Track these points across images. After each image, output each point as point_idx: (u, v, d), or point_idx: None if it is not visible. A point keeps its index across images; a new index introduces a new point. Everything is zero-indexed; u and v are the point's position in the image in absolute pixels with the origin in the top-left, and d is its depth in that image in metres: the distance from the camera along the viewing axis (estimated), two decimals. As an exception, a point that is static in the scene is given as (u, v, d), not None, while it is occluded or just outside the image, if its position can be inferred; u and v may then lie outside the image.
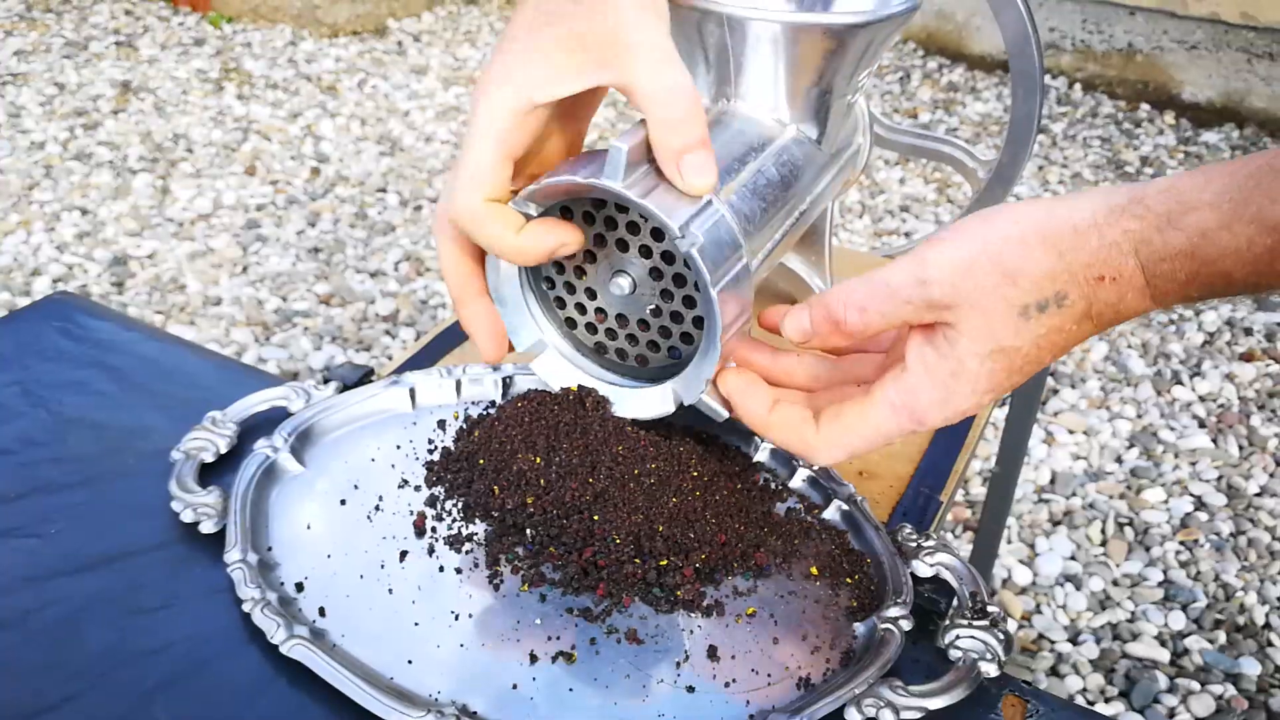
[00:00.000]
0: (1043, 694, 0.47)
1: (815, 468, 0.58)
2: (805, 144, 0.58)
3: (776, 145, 0.56)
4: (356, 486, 0.57)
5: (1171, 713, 1.22)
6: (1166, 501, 1.52)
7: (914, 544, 0.54)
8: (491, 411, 0.61)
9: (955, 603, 0.51)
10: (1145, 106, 2.64)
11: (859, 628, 0.50)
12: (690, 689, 0.46)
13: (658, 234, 0.49)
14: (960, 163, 0.68)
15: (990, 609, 0.49)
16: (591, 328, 0.54)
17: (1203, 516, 1.49)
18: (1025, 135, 0.64)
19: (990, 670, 0.47)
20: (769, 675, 0.47)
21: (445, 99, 2.57)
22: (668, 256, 0.49)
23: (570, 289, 0.53)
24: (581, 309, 0.54)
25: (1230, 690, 1.24)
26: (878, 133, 0.67)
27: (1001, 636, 0.48)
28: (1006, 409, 0.90)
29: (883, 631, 0.49)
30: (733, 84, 0.56)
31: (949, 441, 0.62)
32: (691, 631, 0.49)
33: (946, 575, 0.52)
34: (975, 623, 0.49)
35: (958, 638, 0.48)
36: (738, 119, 0.56)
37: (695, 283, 0.49)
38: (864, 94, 0.62)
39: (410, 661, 0.47)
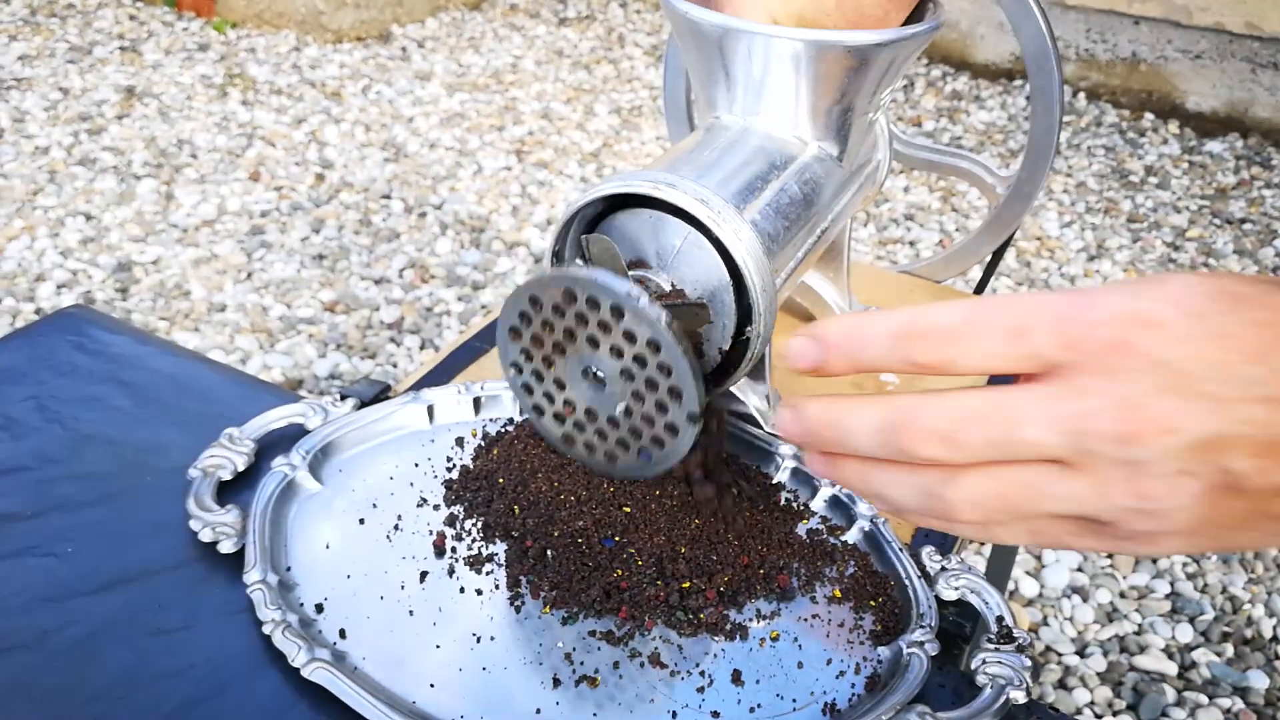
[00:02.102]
0: (1068, 717, 0.46)
1: (837, 488, 0.58)
2: (826, 161, 0.57)
3: (798, 163, 0.55)
4: (375, 505, 0.56)
5: (1179, 726, 1.22)
6: (1173, 513, 1.51)
7: (938, 566, 0.53)
8: (510, 429, 0.61)
9: (980, 626, 0.51)
10: (1149, 116, 2.64)
11: (883, 651, 0.49)
12: (715, 714, 0.46)
13: (630, 336, 0.45)
14: (979, 178, 0.68)
15: (1017, 633, 0.49)
16: (559, 418, 0.49)
17: (1210, 528, 1.49)
18: (1045, 150, 0.64)
19: (1019, 697, 0.46)
20: (794, 700, 0.47)
21: (449, 105, 2.56)
22: (640, 360, 0.47)
23: (538, 377, 0.49)
24: (550, 398, 0.49)
25: (1238, 704, 1.24)
26: (896, 149, 0.67)
27: (1029, 662, 0.48)
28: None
29: (908, 656, 0.48)
30: (754, 101, 0.56)
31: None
32: (715, 655, 0.49)
33: (972, 599, 0.52)
34: (1002, 648, 0.49)
35: (985, 662, 0.48)
36: (759, 136, 0.56)
37: (669, 388, 0.46)
38: (884, 111, 0.62)
39: (432, 685, 0.46)
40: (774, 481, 0.59)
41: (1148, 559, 1.44)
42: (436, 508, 0.56)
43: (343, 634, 0.48)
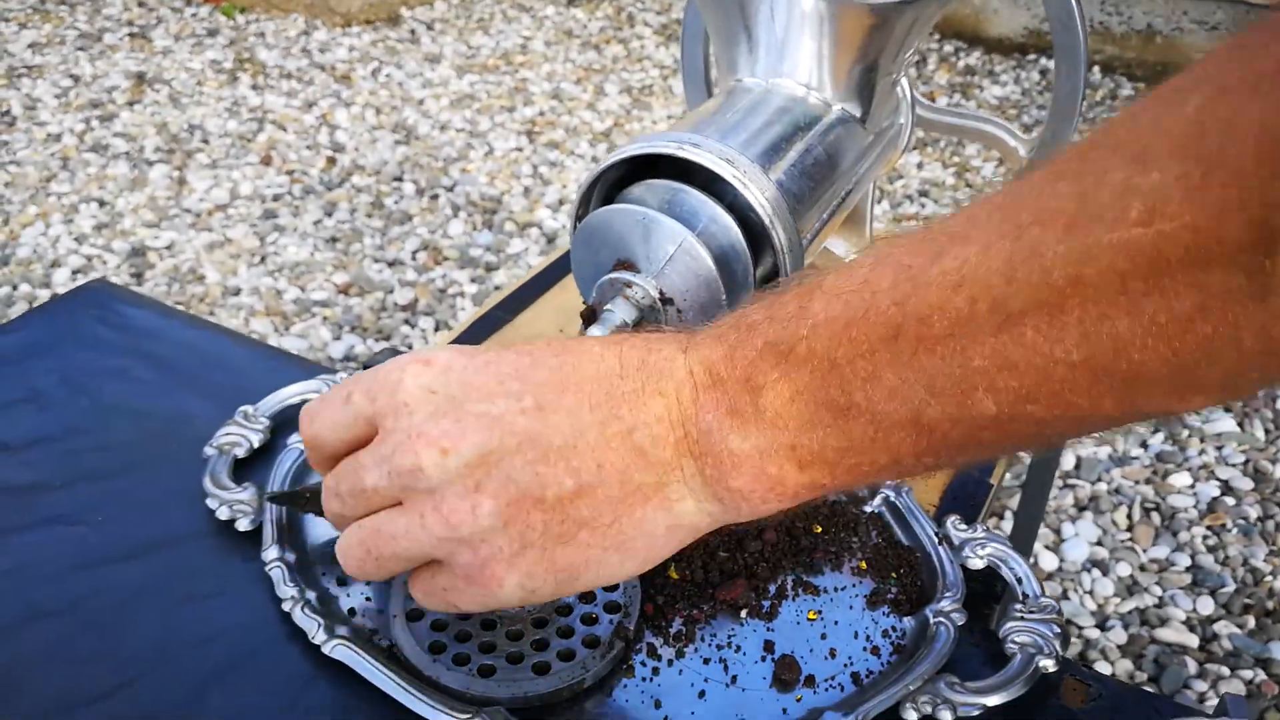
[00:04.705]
0: (1103, 677, 0.46)
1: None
2: (850, 123, 0.57)
3: (822, 124, 0.55)
4: None
5: (1201, 698, 1.21)
6: (1193, 486, 1.51)
7: (963, 535, 0.53)
8: None
9: (1007, 594, 0.50)
10: (1165, 89, 2.61)
11: (910, 622, 0.49)
12: (743, 688, 0.46)
13: None
14: (1002, 142, 0.68)
15: (1045, 601, 0.49)
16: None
17: (1230, 501, 1.48)
18: (1069, 111, 0.63)
19: (1048, 665, 0.46)
20: (823, 671, 0.47)
21: (459, 87, 2.56)
22: None
23: None
24: None
25: (1260, 675, 1.24)
26: (918, 113, 0.66)
27: (1058, 630, 0.47)
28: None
29: (935, 625, 0.48)
30: (776, 62, 0.55)
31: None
32: (744, 629, 0.49)
33: (999, 566, 0.51)
34: (1029, 616, 0.48)
35: (1014, 631, 0.48)
36: (781, 98, 0.55)
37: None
38: (907, 72, 0.61)
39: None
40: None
41: (1167, 531, 1.43)
42: None
43: (362, 611, 0.48)
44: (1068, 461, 1.54)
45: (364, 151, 2.26)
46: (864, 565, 0.52)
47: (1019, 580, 0.51)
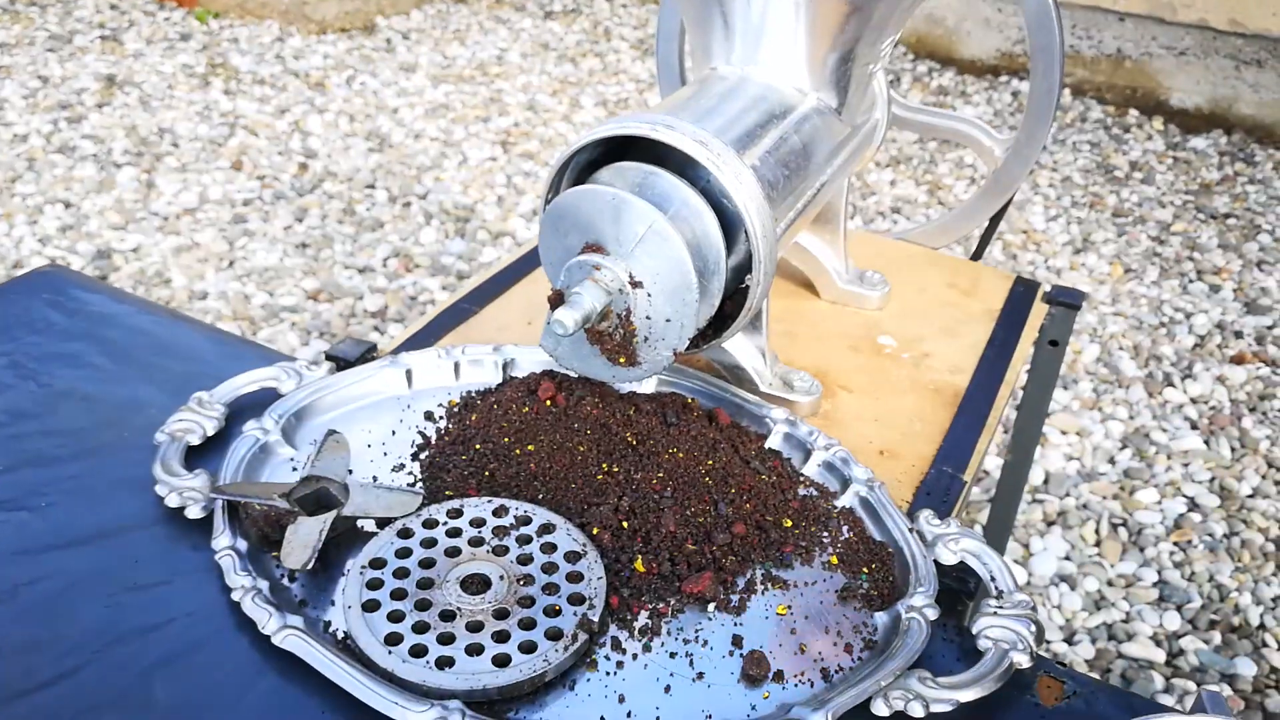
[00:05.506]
0: (1078, 674, 0.45)
1: (830, 452, 0.56)
2: (826, 113, 0.56)
3: (798, 113, 0.54)
4: (351, 470, 0.54)
5: (1169, 712, 1.21)
6: (1160, 502, 1.51)
7: (936, 531, 0.52)
8: (484, 394, 0.59)
9: (981, 589, 0.49)
10: (1134, 112, 2.65)
11: (881, 617, 0.48)
12: (710, 683, 0.45)
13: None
14: (977, 141, 0.67)
15: (1019, 596, 0.48)
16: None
17: (1196, 518, 1.48)
18: (1045, 111, 0.63)
19: (1022, 661, 0.45)
20: (792, 667, 0.45)
21: (434, 96, 2.55)
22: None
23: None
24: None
25: (1226, 690, 1.24)
26: (895, 112, 0.66)
27: (1033, 625, 0.46)
28: (1020, 395, 0.89)
29: (908, 620, 0.47)
30: (752, 50, 0.55)
31: (970, 420, 0.60)
32: (711, 623, 0.47)
33: (972, 562, 0.50)
34: (1003, 611, 0.47)
35: (987, 626, 0.47)
36: (757, 85, 0.55)
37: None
38: (884, 65, 0.61)
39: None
40: (768, 448, 0.58)
41: (1135, 546, 1.44)
42: (413, 474, 0.55)
43: (314, 601, 0.47)
44: (1036, 476, 1.54)
45: (337, 158, 2.24)
46: (835, 560, 0.51)
47: (992, 576, 0.50)
